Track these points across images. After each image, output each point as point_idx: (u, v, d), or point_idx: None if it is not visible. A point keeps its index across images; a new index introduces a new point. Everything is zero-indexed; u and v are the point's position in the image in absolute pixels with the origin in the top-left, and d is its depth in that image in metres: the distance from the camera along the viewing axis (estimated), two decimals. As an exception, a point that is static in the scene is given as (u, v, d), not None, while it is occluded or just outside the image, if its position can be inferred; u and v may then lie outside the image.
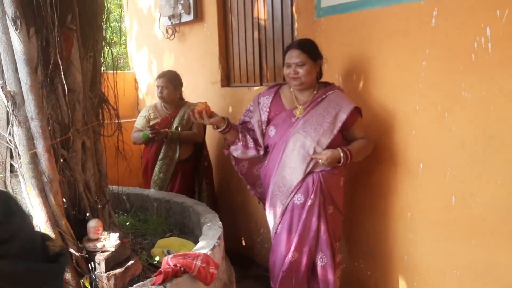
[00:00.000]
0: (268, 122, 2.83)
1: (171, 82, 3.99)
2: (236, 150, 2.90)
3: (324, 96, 2.70)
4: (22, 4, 2.04)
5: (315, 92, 2.75)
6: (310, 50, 2.69)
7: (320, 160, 2.59)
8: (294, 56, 2.66)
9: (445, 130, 2.51)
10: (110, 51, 2.91)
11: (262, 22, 3.90)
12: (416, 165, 2.68)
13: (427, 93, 2.58)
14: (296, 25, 3.42)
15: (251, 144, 2.88)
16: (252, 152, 2.88)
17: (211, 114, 2.73)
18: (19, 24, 1.99)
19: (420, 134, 2.64)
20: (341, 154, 2.58)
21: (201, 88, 4.63)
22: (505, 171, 2.30)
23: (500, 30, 2.23)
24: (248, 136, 2.89)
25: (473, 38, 2.33)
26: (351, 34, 2.97)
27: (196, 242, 2.85)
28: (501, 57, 2.24)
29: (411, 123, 2.68)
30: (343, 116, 2.64)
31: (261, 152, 2.88)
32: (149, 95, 5.53)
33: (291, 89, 2.82)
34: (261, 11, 3.89)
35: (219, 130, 2.79)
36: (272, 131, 2.80)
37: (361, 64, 2.93)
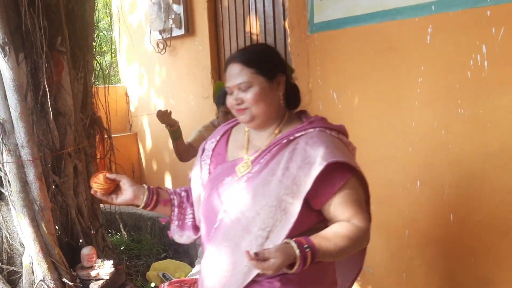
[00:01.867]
0: None
1: None
2: (173, 234, 1.75)
3: (285, 141, 1.53)
4: (10, 29, 1.99)
5: (276, 131, 1.60)
6: (259, 61, 1.56)
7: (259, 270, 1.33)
8: (234, 75, 1.55)
9: (442, 148, 2.49)
10: (100, 68, 2.87)
11: (254, 37, 3.87)
12: (413, 183, 2.65)
13: (423, 110, 2.55)
14: (289, 40, 3.38)
15: (189, 221, 1.74)
16: (187, 235, 1.73)
17: (113, 191, 1.63)
18: (8, 50, 1.95)
19: (417, 151, 2.61)
20: (297, 254, 1.31)
21: (192, 103, 4.58)
22: (503, 189, 2.27)
23: (496, 48, 2.22)
24: (188, 208, 1.75)
25: (469, 55, 2.31)
26: (345, 50, 2.95)
27: (191, 263, 2.81)
28: (497, 75, 2.23)
29: (408, 140, 2.65)
30: (307, 184, 1.43)
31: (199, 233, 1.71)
32: (140, 109, 5.48)
33: (246, 128, 1.69)
34: (253, 25, 3.86)
35: (140, 207, 1.67)
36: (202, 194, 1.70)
37: (356, 81, 2.91)
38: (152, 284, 2.55)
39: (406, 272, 2.78)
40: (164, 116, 2.92)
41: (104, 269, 2.23)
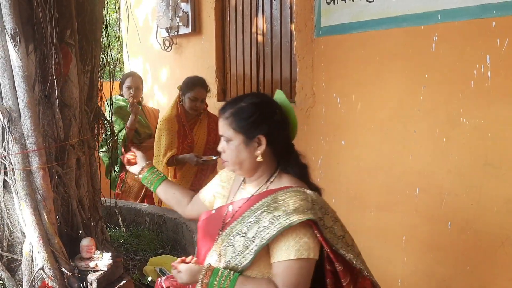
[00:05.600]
0: None
1: None
2: None
3: None
4: (21, 20, 2.01)
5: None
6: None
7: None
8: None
9: (442, 156, 2.51)
10: (107, 62, 2.89)
11: (260, 38, 3.90)
12: (412, 189, 2.67)
13: (426, 117, 2.58)
14: (295, 43, 3.41)
15: None
16: None
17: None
18: (18, 40, 1.97)
19: (417, 158, 2.63)
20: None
21: (197, 101, 4.60)
22: (500, 199, 2.30)
23: (499, 59, 2.25)
24: None
25: (473, 65, 2.34)
26: (350, 55, 2.98)
27: (189, 260, 2.82)
28: (500, 85, 2.26)
29: (408, 147, 2.67)
30: None
31: None
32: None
33: None
34: (260, 27, 3.89)
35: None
36: None
37: (360, 86, 2.93)
38: (149, 278, 2.57)
39: (402, 278, 2.80)
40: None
41: (103, 261, 2.24)
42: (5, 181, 2.17)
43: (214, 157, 3.52)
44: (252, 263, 1.47)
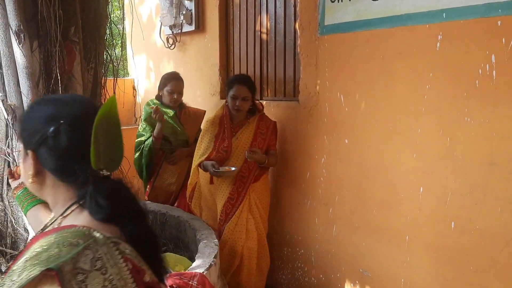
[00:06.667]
0: None
1: None
2: None
3: None
4: (26, 17, 2.02)
5: None
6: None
7: None
8: None
9: (447, 155, 2.50)
10: (111, 59, 2.89)
11: (264, 36, 3.89)
12: (416, 189, 2.67)
13: (430, 116, 2.57)
14: (298, 41, 3.41)
15: None
16: None
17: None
18: (23, 37, 1.97)
19: (422, 157, 2.63)
20: None
21: (199, 99, 4.61)
22: (505, 199, 2.29)
23: (505, 58, 2.23)
24: None
25: (478, 64, 2.33)
26: (354, 53, 2.97)
27: (191, 258, 2.82)
28: (505, 85, 2.24)
29: (413, 146, 2.66)
30: None
31: None
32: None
33: None
34: (264, 25, 3.88)
35: None
36: None
37: (364, 84, 2.92)
38: (152, 276, 2.57)
39: (405, 278, 2.79)
40: None
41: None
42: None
43: (233, 168, 3.19)
44: None
